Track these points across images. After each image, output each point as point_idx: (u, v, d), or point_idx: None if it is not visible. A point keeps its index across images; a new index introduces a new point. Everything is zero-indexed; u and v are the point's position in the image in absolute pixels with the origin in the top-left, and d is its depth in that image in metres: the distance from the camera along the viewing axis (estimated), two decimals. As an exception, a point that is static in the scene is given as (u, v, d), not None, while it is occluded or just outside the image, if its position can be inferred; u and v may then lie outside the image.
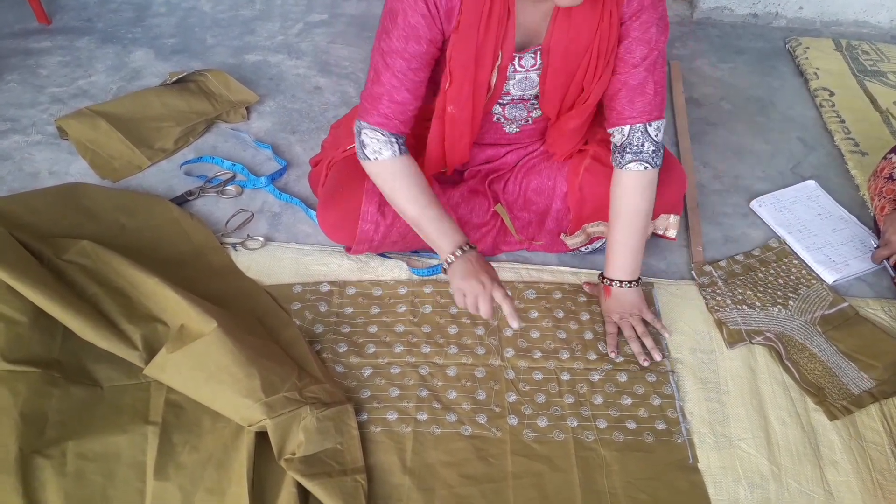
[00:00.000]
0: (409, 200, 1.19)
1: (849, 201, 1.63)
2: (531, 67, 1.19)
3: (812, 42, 2.20)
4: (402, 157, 1.19)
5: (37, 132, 1.73)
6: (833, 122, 1.88)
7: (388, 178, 1.20)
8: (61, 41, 2.07)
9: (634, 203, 1.24)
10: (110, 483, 1.02)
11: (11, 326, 1.12)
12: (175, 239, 1.42)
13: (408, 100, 1.16)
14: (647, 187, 1.24)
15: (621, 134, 1.22)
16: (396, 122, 1.18)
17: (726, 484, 1.10)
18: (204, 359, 1.09)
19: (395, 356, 1.25)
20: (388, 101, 1.16)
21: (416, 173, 1.21)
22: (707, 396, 1.22)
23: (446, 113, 1.21)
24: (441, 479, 1.08)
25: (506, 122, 1.32)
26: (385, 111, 1.16)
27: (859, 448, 1.15)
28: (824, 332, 1.31)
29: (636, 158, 1.21)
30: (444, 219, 1.19)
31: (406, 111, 1.17)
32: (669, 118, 1.89)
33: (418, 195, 1.19)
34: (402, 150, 1.20)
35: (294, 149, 1.73)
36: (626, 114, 1.20)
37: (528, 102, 1.27)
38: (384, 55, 1.13)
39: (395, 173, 1.19)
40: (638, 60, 1.15)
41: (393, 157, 1.19)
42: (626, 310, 1.29)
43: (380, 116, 1.17)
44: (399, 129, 1.19)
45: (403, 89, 1.15)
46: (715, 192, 1.66)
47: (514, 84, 1.21)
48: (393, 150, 1.18)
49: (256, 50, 2.09)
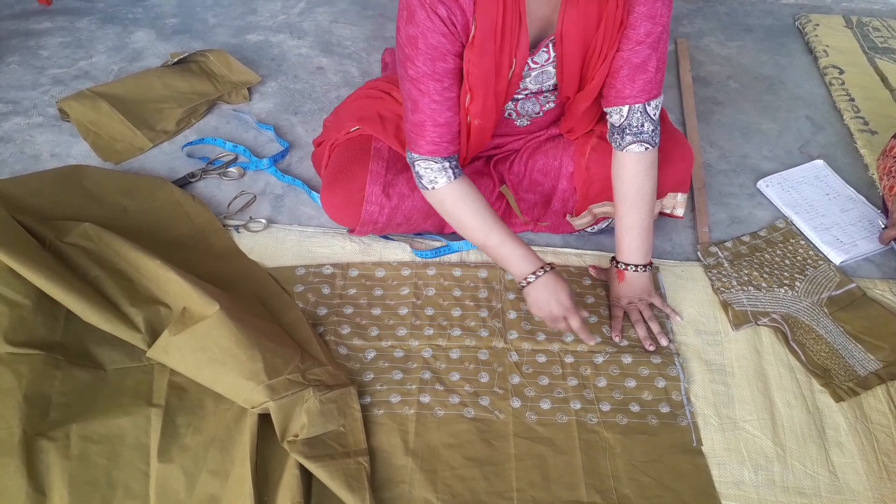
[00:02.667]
0: (477, 227, 1.20)
1: (857, 181, 1.61)
2: (546, 62, 1.17)
3: (822, 19, 2.17)
4: (457, 181, 1.19)
5: (38, 114, 1.72)
6: (842, 100, 1.85)
7: (448, 205, 1.21)
8: (62, 22, 2.06)
9: (639, 185, 1.23)
10: (114, 465, 1.02)
11: (14, 309, 1.12)
12: (177, 221, 1.42)
13: (450, 119, 1.15)
14: (650, 167, 1.23)
15: (620, 114, 1.20)
16: (445, 145, 1.17)
17: (730, 466, 1.09)
18: (206, 341, 1.09)
19: (399, 339, 1.25)
20: (431, 126, 1.15)
21: (475, 196, 1.20)
22: (712, 378, 1.21)
23: (472, 126, 1.20)
24: (444, 461, 1.08)
25: (517, 118, 1.30)
26: (432, 137, 1.16)
27: (865, 430, 1.15)
28: (831, 314, 1.30)
29: (637, 140, 1.20)
30: (512, 241, 1.19)
31: (451, 130, 1.17)
32: (676, 97, 1.86)
33: (484, 218, 1.19)
34: (457, 173, 1.20)
35: (296, 130, 1.72)
36: (625, 92, 1.18)
37: (542, 95, 1.25)
38: (415, 82, 1.11)
39: (454, 200, 1.20)
40: (642, 37, 1.13)
41: (449, 184, 1.18)
42: (637, 294, 1.28)
43: (429, 144, 1.16)
44: (449, 151, 1.18)
45: (444, 109, 1.14)
46: (721, 172, 1.64)
47: (530, 80, 1.20)
48: (448, 176, 1.18)
49: (258, 30, 2.07)
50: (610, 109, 1.21)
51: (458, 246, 1.40)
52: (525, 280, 1.19)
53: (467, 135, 1.23)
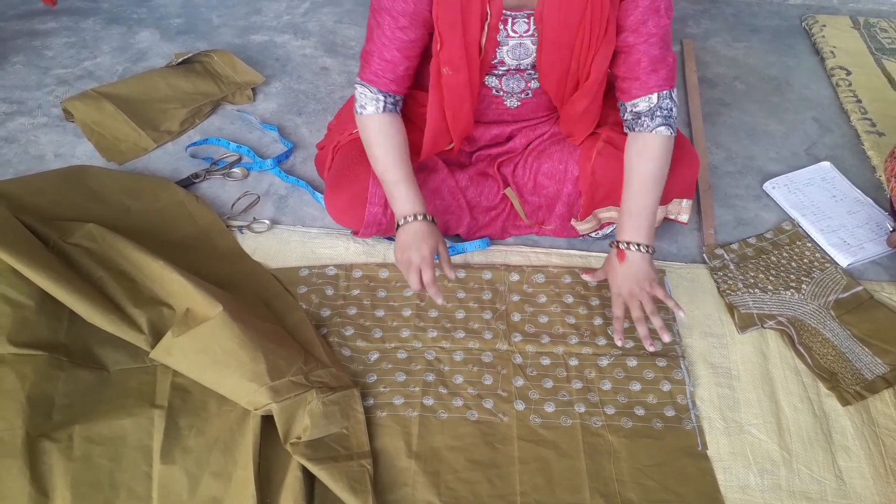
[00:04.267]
0: (380, 158, 1.23)
1: (865, 183, 1.60)
2: (525, 33, 1.18)
3: (829, 20, 2.16)
4: (384, 114, 1.23)
5: (42, 114, 1.72)
6: (849, 101, 1.84)
7: (368, 133, 1.24)
8: (66, 22, 2.06)
9: (661, 167, 1.22)
10: (117, 466, 1.02)
11: (18, 310, 1.12)
12: (181, 222, 1.42)
13: (397, 59, 1.19)
14: (670, 152, 1.23)
15: (649, 102, 1.21)
16: (386, 80, 1.21)
17: (736, 470, 1.09)
18: (210, 342, 1.09)
19: (402, 340, 1.24)
20: (377, 59, 1.20)
21: (395, 133, 1.23)
22: (718, 382, 1.20)
23: (442, 77, 1.20)
24: (447, 464, 1.07)
25: (505, 96, 1.30)
26: (375, 68, 1.21)
27: (872, 434, 1.14)
28: (838, 317, 1.29)
29: (666, 122, 1.21)
30: (406, 182, 1.21)
31: (396, 70, 1.21)
32: (682, 98, 1.85)
33: (388, 153, 1.22)
34: (388, 108, 1.23)
35: (300, 130, 1.72)
36: (651, 83, 1.20)
37: (525, 73, 1.25)
38: (375, 13, 1.18)
39: (374, 130, 1.23)
40: (654, 29, 1.15)
41: (375, 113, 1.23)
42: (638, 281, 1.21)
43: (370, 73, 1.22)
44: (389, 88, 1.22)
45: (393, 48, 1.18)
46: (728, 174, 1.63)
47: (507, 51, 1.20)
48: (376, 107, 1.22)
49: (262, 30, 2.07)
50: (636, 100, 1.21)
51: (463, 248, 1.40)
52: (403, 219, 1.20)
53: (440, 95, 1.22)
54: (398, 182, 1.21)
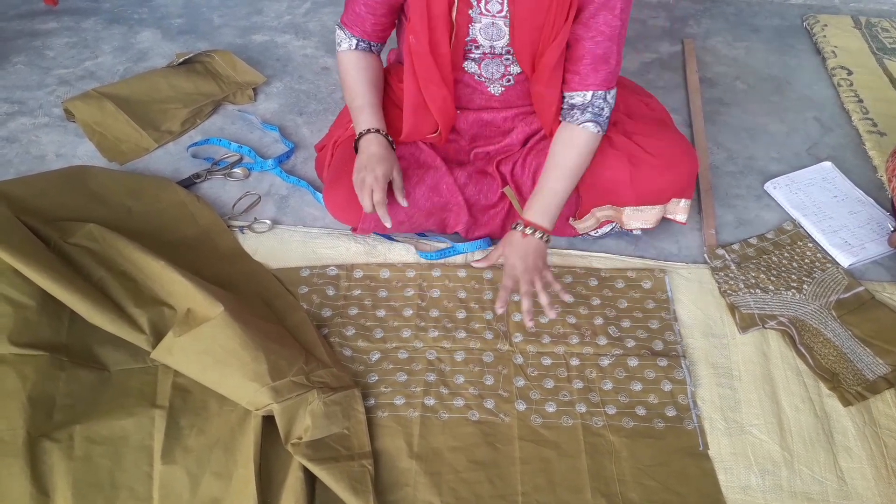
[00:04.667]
0: (349, 86, 1.33)
1: (866, 183, 1.60)
2: (497, 13, 1.19)
3: (830, 19, 2.15)
4: (357, 51, 1.34)
5: (44, 114, 1.72)
6: (851, 101, 1.83)
7: (342, 66, 1.35)
8: (68, 22, 2.06)
9: (581, 160, 1.25)
10: (118, 466, 1.02)
11: (19, 310, 1.12)
12: (182, 222, 1.42)
13: (363, 13, 1.29)
14: (594, 149, 1.26)
15: (583, 98, 1.24)
16: (357, 30, 1.32)
17: (737, 470, 1.09)
18: (211, 342, 1.09)
19: (403, 340, 1.24)
20: (351, 9, 1.31)
21: (366, 66, 1.34)
22: (719, 382, 1.20)
23: (411, 45, 1.23)
24: (448, 464, 1.07)
25: (487, 82, 1.31)
26: (350, 17, 1.32)
27: (873, 434, 1.13)
28: (839, 317, 1.29)
29: (595, 119, 1.24)
30: (371, 107, 1.31)
31: (364, 24, 1.31)
32: (683, 98, 1.85)
33: (357, 81, 1.33)
34: (361, 47, 1.34)
35: (301, 130, 1.72)
36: (589, 80, 1.22)
37: (502, 57, 1.26)
38: None
39: (347, 62, 1.34)
40: (602, 27, 1.17)
41: (348, 50, 1.34)
42: (531, 262, 1.20)
43: (348, 18, 1.33)
44: (364, 34, 1.32)
45: (360, 3, 1.28)
46: (728, 174, 1.63)
47: (480, 29, 1.21)
48: (349, 44, 1.33)
49: (263, 30, 2.07)
50: (573, 93, 1.24)
51: (464, 248, 1.40)
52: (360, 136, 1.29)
53: (412, 65, 1.25)
54: (363, 107, 1.30)
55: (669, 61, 2.00)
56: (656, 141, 1.30)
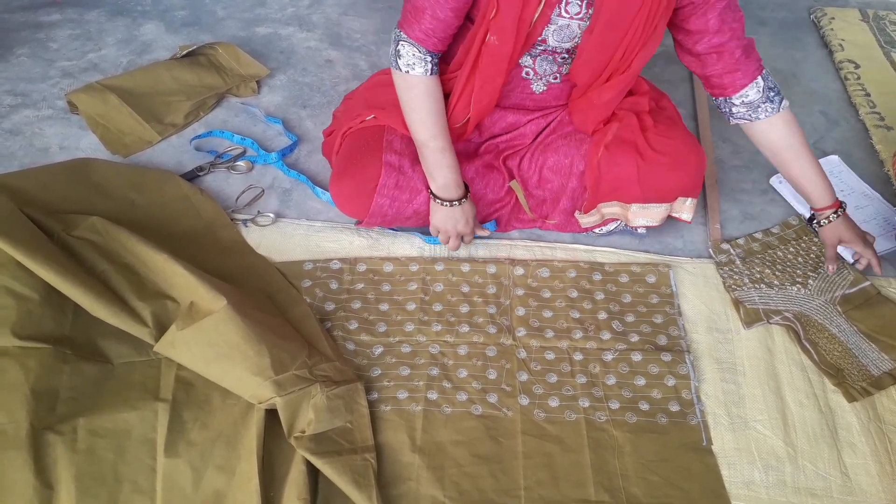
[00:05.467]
0: (426, 122, 1.23)
1: (873, 177, 1.59)
2: (576, 15, 1.17)
3: (837, 12, 2.13)
4: (432, 77, 1.23)
5: (47, 107, 1.72)
6: (858, 95, 1.82)
7: (414, 93, 1.23)
8: (71, 14, 2.05)
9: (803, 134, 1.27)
10: (121, 459, 1.02)
11: (22, 303, 1.11)
12: (185, 215, 1.42)
13: (450, 18, 1.17)
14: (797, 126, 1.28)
15: (757, 87, 1.24)
16: (436, 40, 1.19)
17: (741, 466, 1.08)
18: (214, 336, 1.08)
19: (406, 334, 1.24)
20: (430, 17, 1.17)
21: (439, 98, 1.24)
22: (723, 377, 1.20)
23: (485, 45, 1.19)
24: (451, 459, 1.07)
25: (534, 78, 1.29)
26: (427, 27, 1.17)
27: (878, 431, 1.13)
28: (844, 312, 1.29)
29: (781, 95, 1.26)
30: (449, 153, 1.25)
31: (447, 29, 1.19)
32: (688, 92, 1.84)
33: (437, 119, 1.23)
34: (434, 70, 1.22)
35: (305, 123, 1.71)
36: (752, 69, 1.23)
37: (560, 56, 1.25)
38: None
39: (422, 92, 1.22)
40: (736, 24, 1.20)
41: (424, 75, 1.21)
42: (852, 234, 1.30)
43: (421, 32, 1.18)
44: (437, 48, 1.21)
45: (447, 8, 1.15)
46: (734, 168, 1.62)
47: (553, 31, 1.19)
48: (426, 68, 1.21)
49: (267, 22, 2.06)
50: (745, 90, 1.24)
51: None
52: (456, 198, 1.27)
53: (475, 64, 1.22)
54: (444, 150, 1.24)
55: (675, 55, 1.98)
56: (666, 139, 1.29)
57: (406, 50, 1.19)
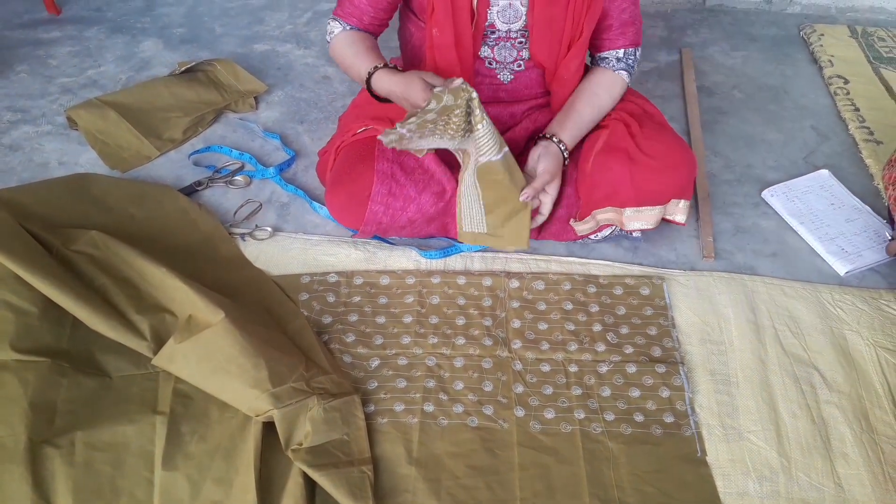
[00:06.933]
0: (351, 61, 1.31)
1: (863, 191, 1.61)
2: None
3: (827, 29, 2.17)
4: (350, 30, 1.33)
5: (47, 122, 1.73)
6: (847, 110, 1.85)
7: (337, 48, 1.34)
8: (71, 31, 2.08)
9: (611, 101, 1.36)
10: (119, 473, 1.02)
11: (21, 316, 1.12)
12: (183, 229, 1.43)
13: (363, 6, 1.31)
14: (620, 96, 1.38)
15: (615, 55, 1.36)
16: (354, 20, 1.33)
17: (735, 477, 1.09)
18: (212, 349, 1.09)
19: (403, 347, 1.25)
20: (348, 3, 1.32)
21: (364, 38, 1.33)
22: (716, 388, 1.21)
23: (433, 39, 1.24)
24: (447, 471, 1.08)
25: (498, 67, 1.33)
26: (347, 9, 1.33)
27: (871, 441, 1.14)
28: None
29: (628, 70, 1.37)
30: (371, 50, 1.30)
31: (363, 16, 1.32)
32: (680, 106, 1.87)
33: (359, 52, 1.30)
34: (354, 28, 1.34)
35: (302, 139, 1.73)
36: (619, 42, 1.34)
37: (516, 41, 1.28)
38: None
39: (344, 41, 1.33)
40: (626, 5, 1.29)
41: (343, 31, 1.33)
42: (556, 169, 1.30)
43: (341, 10, 1.34)
44: (355, 24, 1.33)
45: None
46: (726, 182, 1.64)
47: (497, 12, 1.23)
48: (343, 27, 1.33)
49: (265, 39, 2.09)
50: (606, 53, 1.36)
51: (466, 247, 1.41)
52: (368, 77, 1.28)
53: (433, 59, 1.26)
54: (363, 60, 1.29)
55: (667, 70, 2.01)
56: (656, 143, 1.31)
57: (330, 26, 1.35)
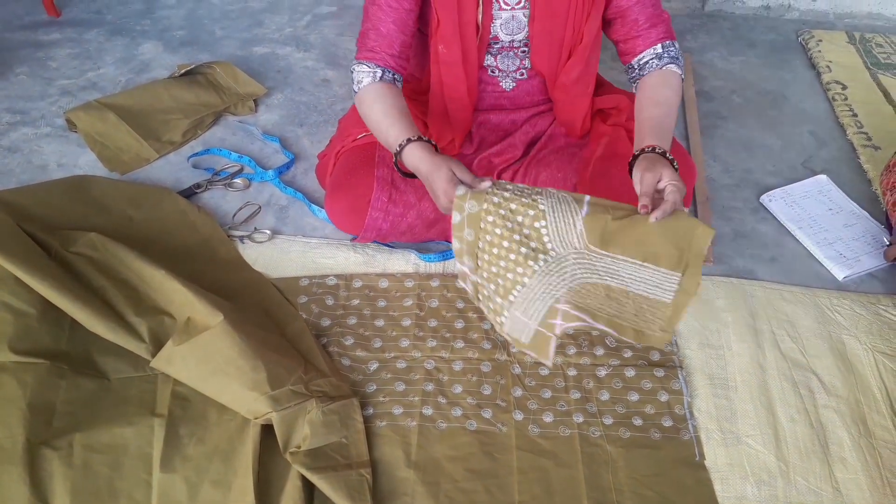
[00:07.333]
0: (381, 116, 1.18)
1: (861, 196, 1.61)
2: (516, 5, 1.20)
3: (825, 35, 2.18)
4: (380, 82, 1.22)
5: (46, 124, 1.73)
6: (845, 115, 1.85)
7: (364, 103, 1.22)
8: (70, 33, 2.08)
9: (677, 98, 1.25)
10: (117, 475, 1.02)
11: (20, 318, 1.12)
12: (182, 231, 1.43)
13: (393, 31, 1.20)
14: (679, 85, 1.26)
15: (654, 52, 1.26)
16: (383, 55, 1.22)
17: (733, 481, 1.09)
18: (210, 351, 1.09)
19: (401, 350, 1.25)
20: (374, 36, 1.21)
21: (395, 95, 1.21)
22: (715, 392, 1.21)
23: (440, 55, 1.22)
24: (446, 474, 1.08)
25: (501, 76, 1.32)
26: (372, 45, 1.22)
27: (869, 446, 1.14)
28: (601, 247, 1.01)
29: (674, 62, 1.26)
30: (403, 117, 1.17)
31: (392, 45, 1.21)
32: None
33: (389, 110, 1.18)
34: (386, 79, 1.23)
35: (301, 142, 1.73)
36: (653, 36, 1.25)
37: (519, 50, 1.27)
38: None
39: (371, 95, 1.21)
40: None
41: (372, 83, 1.22)
42: None
43: (366, 51, 1.22)
44: (386, 62, 1.22)
45: (388, 21, 1.19)
46: (725, 187, 1.64)
47: (501, 24, 1.22)
48: (373, 76, 1.22)
49: (265, 42, 2.09)
50: (642, 54, 1.26)
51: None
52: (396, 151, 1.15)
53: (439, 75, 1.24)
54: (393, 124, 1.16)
55: (666, 75, 2.02)
56: None
57: (356, 71, 1.23)
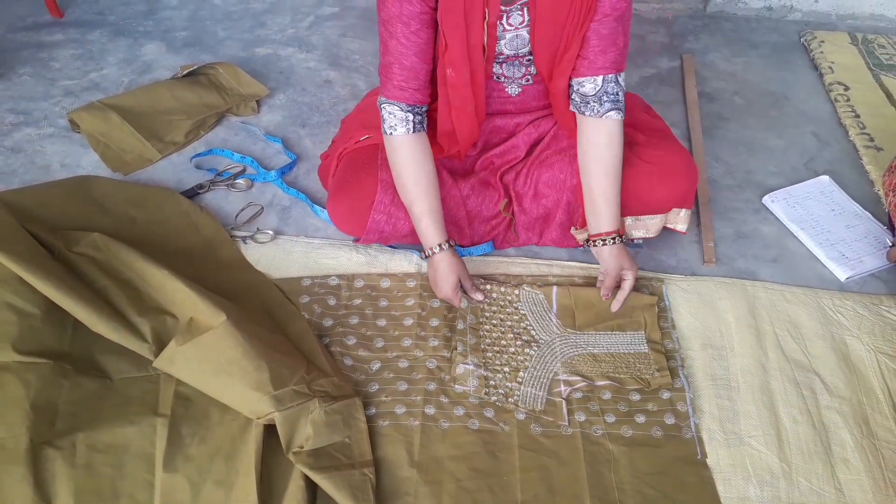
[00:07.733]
0: (409, 187, 1.24)
1: (863, 197, 1.61)
2: (520, 25, 1.21)
3: (827, 36, 2.18)
4: (414, 135, 1.24)
5: (49, 125, 1.74)
6: (848, 116, 1.85)
7: (398, 157, 1.25)
8: (73, 34, 2.08)
9: (619, 153, 1.26)
10: (119, 474, 1.02)
11: (23, 318, 1.12)
12: (185, 232, 1.43)
13: (416, 64, 1.20)
14: (622, 136, 1.27)
15: (594, 84, 1.23)
16: (412, 91, 1.21)
17: (736, 482, 1.09)
18: (213, 351, 1.09)
19: (404, 349, 1.25)
20: (398, 69, 1.20)
21: (425, 157, 1.25)
22: (717, 393, 1.21)
23: (447, 77, 1.22)
24: (448, 473, 1.08)
25: (507, 81, 1.32)
26: (398, 81, 1.21)
27: (871, 446, 1.14)
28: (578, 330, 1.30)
29: (615, 107, 1.24)
30: (431, 214, 1.25)
31: (418, 76, 1.21)
32: (682, 112, 1.87)
33: (418, 182, 1.24)
34: (417, 128, 1.24)
35: (304, 142, 1.73)
36: (598, 63, 1.22)
37: (524, 58, 1.28)
38: (385, 24, 1.18)
39: (405, 156, 1.24)
40: (608, 10, 1.18)
41: (405, 136, 1.23)
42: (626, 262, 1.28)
43: (395, 88, 1.21)
44: (416, 99, 1.23)
45: (410, 54, 1.18)
46: (727, 188, 1.64)
47: (505, 43, 1.23)
48: (407, 128, 1.23)
49: (267, 43, 2.09)
50: (583, 79, 1.24)
51: (468, 251, 1.41)
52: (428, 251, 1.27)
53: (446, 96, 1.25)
54: (423, 214, 1.25)
55: (669, 76, 2.02)
56: (657, 151, 1.32)
57: (388, 112, 1.23)
